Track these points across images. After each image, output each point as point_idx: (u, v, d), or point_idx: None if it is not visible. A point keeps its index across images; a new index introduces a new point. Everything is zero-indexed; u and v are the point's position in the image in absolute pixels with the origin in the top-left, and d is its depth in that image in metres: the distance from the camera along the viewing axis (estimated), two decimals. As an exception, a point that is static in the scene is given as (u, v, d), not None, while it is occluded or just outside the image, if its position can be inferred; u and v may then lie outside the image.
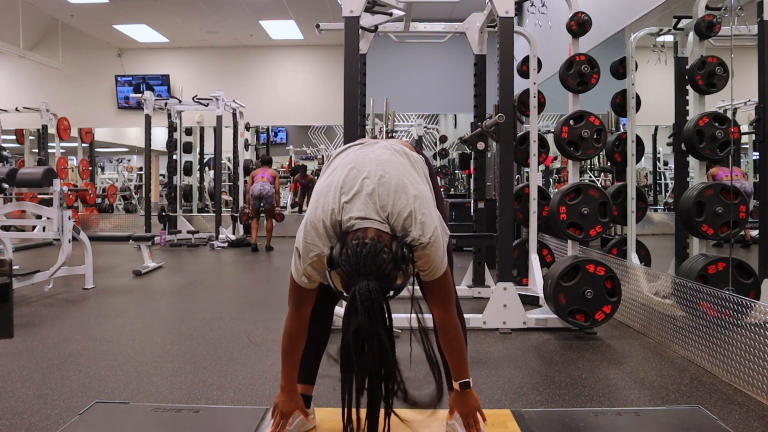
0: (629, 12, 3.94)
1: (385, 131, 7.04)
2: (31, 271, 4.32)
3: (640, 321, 3.41)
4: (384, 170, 1.54)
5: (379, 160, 1.58)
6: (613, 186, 4.23)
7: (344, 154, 1.71)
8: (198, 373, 2.62)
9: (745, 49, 3.06)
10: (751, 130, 3.44)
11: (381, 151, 1.65)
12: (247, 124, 9.23)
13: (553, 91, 4.27)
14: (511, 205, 3.49)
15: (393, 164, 1.59)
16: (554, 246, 4.89)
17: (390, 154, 1.64)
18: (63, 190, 4.44)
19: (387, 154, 1.64)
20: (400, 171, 1.57)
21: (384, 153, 1.64)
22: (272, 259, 6.81)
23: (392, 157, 1.63)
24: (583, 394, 2.38)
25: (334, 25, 4.35)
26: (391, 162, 1.60)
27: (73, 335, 3.26)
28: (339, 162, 1.65)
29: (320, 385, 1.94)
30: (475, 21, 4.29)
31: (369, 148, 1.68)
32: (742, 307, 2.47)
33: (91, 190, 9.69)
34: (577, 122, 3.48)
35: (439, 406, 1.53)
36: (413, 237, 1.46)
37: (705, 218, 3.07)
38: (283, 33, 9.39)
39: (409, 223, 1.47)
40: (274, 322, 3.59)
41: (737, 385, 2.45)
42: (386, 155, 1.63)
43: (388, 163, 1.58)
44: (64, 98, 9.82)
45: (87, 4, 8.03)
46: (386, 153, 1.64)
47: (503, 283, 3.38)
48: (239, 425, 1.88)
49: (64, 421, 2.02)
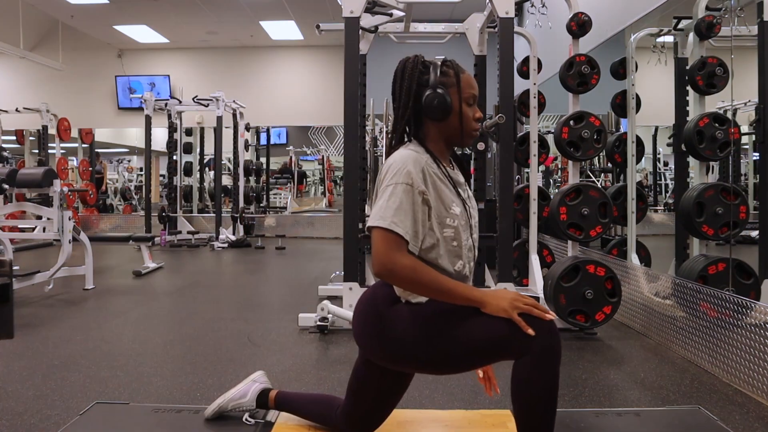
0: (629, 13, 3.94)
1: (385, 132, 7.05)
2: (32, 271, 4.32)
3: (640, 322, 3.41)
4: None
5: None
6: (614, 186, 4.23)
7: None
8: (198, 374, 2.62)
9: (745, 50, 3.06)
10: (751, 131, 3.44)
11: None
12: (248, 124, 9.23)
13: (554, 91, 4.27)
14: (511, 205, 3.49)
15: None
16: (554, 246, 4.89)
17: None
18: (63, 190, 4.44)
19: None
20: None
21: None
22: (273, 260, 6.81)
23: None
24: (584, 394, 2.38)
25: (334, 26, 4.35)
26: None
27: (74, 336, 3.27)
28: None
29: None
30: (476, 21, 4.29)
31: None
32: (742, 307, 2.47)
33: (91, 191, 9.69)
34: (577, 123, 3.48)
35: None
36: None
37: (705, 219, 3.08)
38: (283, 33, 9.39)
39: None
40: (275, 323, 3.59)
41: (737, 386, 2.44)
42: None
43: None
44: (64, 99, 9.81)
45: (87, 5, 8.03)
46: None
47: (503, 284, 3.38)
48: (239, 425, 1.88)
49: (64, 421, 2.02)
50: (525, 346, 1.30)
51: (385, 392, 1.59)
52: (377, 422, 1.64)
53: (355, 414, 1.63)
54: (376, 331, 1.44)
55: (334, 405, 1.74)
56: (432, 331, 1.38)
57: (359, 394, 1.61)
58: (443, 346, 1.37)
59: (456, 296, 1.35)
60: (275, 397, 1.85)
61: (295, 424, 1.87)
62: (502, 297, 1.33)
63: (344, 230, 3.47)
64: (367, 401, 1.60)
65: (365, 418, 1.63)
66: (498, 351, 1.35)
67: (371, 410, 1.62)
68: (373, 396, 1.59)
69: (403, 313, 1.42)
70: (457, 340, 1.36)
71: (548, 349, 1.30)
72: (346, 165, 3.49)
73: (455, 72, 1.48)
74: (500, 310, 1.31)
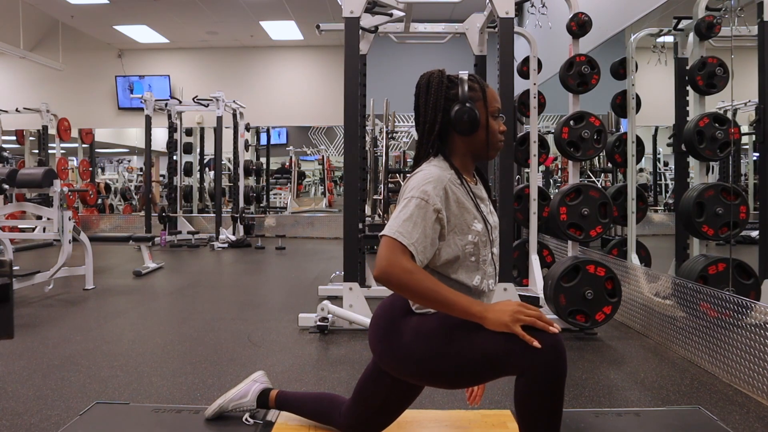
0: (629, 13, 3.94)
1: (385, 132, 7.05)
2: (32, 271, 4.32)
3: (640, 322, 3.41)
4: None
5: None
6: (614, 186, 4.23)
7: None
8: (198, 374, 2.62)
9: (745, 50, 3.06)
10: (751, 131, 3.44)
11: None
12: (248, 124, 9.23)
13: (554, 91, 4.27)
14: (511, 205, 3.49)
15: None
16: (554, 246, 4.89)
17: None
18: (63, 190, 4.44)
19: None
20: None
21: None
22: (273, 260, 6.81)
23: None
24: (584, 394, 2.38)
25: (334, 26, 4.35)
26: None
27: (74, 336, 3.27)
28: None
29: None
30: (476, 22, 4.29)
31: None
32: (742, 307, 2.47)
33: (91, 191, 9.69)
34: (577, 123, 3.48)
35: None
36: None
37: (705, 219, 3.08)
38: (284, 33, 9.40)
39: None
40: (275, 323, 3.59)
41: (737, 386, 2.44)
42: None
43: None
44: (64, 99, 9.82)
45: (87, 5, 8.03)
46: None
47: (503, 284, 3.38)
48: (240, 426, 1.88)
49: (64, 421, 2.02)
50: (527, 362, 1.26)
51: (394, 400, 1.60)
52: (381, 427, 1.65)
53: (360, 416, 1.63)
54: (386, 340, 1.44)
55: (336, 403, 1.74)
56: (433, 346, 1.37)
57: (368, 398, 1.61)
58: (442, 361, 1.36)
59: (455, 308, 1.31)
60: (276, 396, 1.85)
61: (295, 425, 1.87)
62: (502, 311, 1.29)
63: (344, 230, 3.47)
64: (375, 406, 1.61)
65: (370, 421, 1.63)
66: (497, 369, 1.32)
67: (377, 415, 1.62)
68: (381, 402, 1.59)
69: (411, 324, 1.42)
70: (456, 357, 1.34)
71: (552, 364, 1.26)
72: (346, 165, 3.49)
73: (481, 86, 1.49)
74: (500, 324, 1.28)
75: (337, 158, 11.87)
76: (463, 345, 1.34)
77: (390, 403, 1.60)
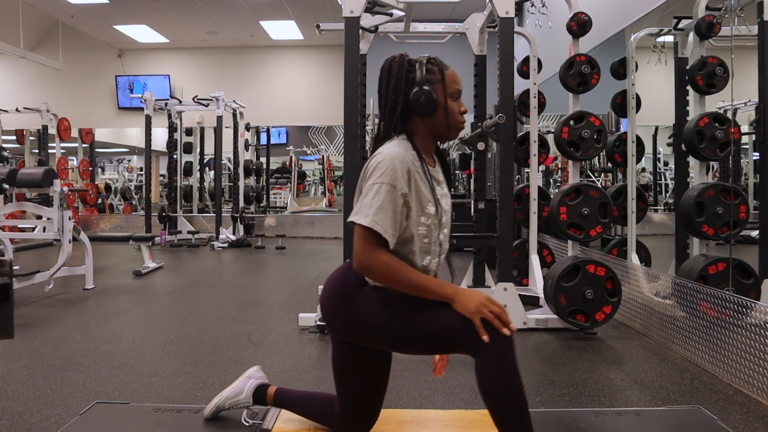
0: (629, 12, 3.94)
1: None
2: (32, 271, 4.32)
3: (640, 321, 3.41)
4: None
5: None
6: (614, 186, 4.23)
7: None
8: (198, 374, 2.62)
9: (746, 50, 3.06)
10: (751, 131, 3.45)
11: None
12: (248, 124, 9.23)
13: (554, 91, 4.27)
14: (511, 205, 3.49)
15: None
16: (554, 246, 4.89)
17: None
18: (63, 190, 4.44)
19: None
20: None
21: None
22: (273, 260, 6.81)
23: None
24: (584, 394, 2.38)
25: (334, 26, 4.35)
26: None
27: (74, 336, 3.27)
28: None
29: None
30: (476, 21, 4.29)
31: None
32: (742, 307, 2.47)
33: (92, 191, 9.69)
34: (577, 123, 3.48)
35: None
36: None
37: (705, 218, 3.08)
38: (284, 33, 9.40)
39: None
40: (275, 323, 3.59)
41: (737, 386, 2.45)
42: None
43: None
44: (64, 99, 9.82)
45: (87, 5, 8.03)
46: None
47: (503, 284, 3.38)
48: (240, 426, 1.88)
49: (64, 421, 2.02)
50: (474, 346, 1.36)
51: (368, 375, 1.62)
52: (372, 411, 1.66)
53: (348, 407, 1.65)
54: (343, 311, 1.52)
55: (335, 403, 1.74)
56: (392, 314, 1.47)
57: (344, 382, 1.64)
58: (400, 328, 1.46)
59: (429, 292, 1.42)
60: (274, 394, 1.85)
61: (295, 425, 1.87)
62: (471, 299, 1.38)
63: (344, 230, 3.47)
64: (355, 388, 1.63)
65: (359, 408, 1.64)
66: (452, 342, 1.41)
67: (362, 397, 1.64)
68: (359, 381, 1.62)
69: (370, 296, 1.51)
70: (412, 324, 1.45)
71: (500, 357, 1.34)
72: (346, 165, 3.49)
73: (439, 69, 1.55)
74: (466, 310, 1.37)
75: (337, 158, 11.88)
76: (420, 316, 1.44)
77: (367, 381, 1.62)
